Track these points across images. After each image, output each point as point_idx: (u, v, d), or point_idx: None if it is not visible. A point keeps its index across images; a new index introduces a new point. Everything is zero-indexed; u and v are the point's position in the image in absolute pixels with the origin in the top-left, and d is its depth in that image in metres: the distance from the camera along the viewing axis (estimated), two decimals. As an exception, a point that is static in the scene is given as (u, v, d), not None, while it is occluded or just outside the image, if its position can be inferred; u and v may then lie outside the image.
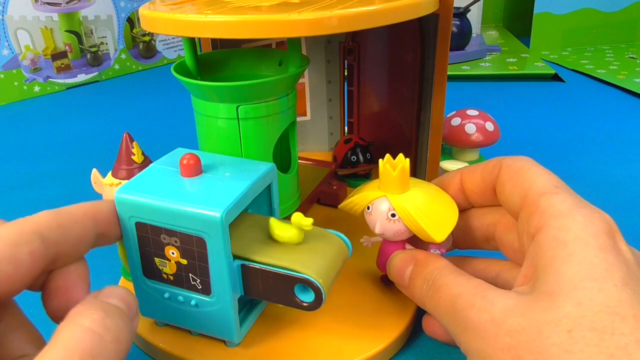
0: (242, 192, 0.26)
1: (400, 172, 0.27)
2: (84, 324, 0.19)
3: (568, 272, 0.20)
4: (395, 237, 0.28)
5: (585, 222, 0.21)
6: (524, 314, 0.20)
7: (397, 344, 0.30)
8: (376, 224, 0.28)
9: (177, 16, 0.25)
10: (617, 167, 0.53)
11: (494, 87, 0.82)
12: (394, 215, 0.27)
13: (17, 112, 0.79)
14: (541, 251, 0.22)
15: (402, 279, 0.28)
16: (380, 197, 0.28)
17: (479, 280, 0.24)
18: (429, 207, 0.27)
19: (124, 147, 0.32)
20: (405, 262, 0.28)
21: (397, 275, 0.28)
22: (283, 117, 0.31)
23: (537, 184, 0.24)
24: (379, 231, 0.28)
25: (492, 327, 0.21)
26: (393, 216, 0.28)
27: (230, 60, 0.35)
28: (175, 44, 1.04)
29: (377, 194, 0.28)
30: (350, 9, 0.24)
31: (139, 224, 0.26)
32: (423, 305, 0.26)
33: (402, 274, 0.28)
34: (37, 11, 0.83)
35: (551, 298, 0.20)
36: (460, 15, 0.89)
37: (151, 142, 0.43)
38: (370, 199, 0.28)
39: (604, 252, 0.20)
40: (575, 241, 0.21)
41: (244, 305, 0.30)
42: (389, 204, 0.28)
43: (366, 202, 0.29)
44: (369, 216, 0.29)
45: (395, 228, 0.28)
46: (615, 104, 0.73)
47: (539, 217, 0.23)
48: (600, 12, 1.02)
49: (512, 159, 0.27)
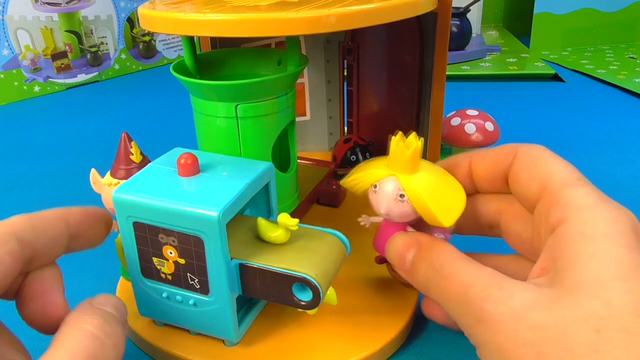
0: (240, 192, 0.26)
1: (414, 152, 0.26)
2: (87, 329, 0.20)
3: (595, 269, 0.19)
4: (400, 218, 0.27)
5: (611, 219, 0.21)
6: (547, 309, 0.19)
7: (395, 343, 0.30)
8: (382, 204, 0.26)
9: (176, 15, 0.25)
10: (617, 167, 0.53)
11: (494, 87, 0.82)
12: (403, 196, 0.26)
13: (17, 112, 0.79)
14: (564, 244, 0.21)
15: (403, 262, 0.26)
16: (388, 176, 0.26)
17: (491, 269, 0.22)
18: (438, 190, 0.26)
19: (122, 147, 0.32)
20: (407, 245, 0.26)
21: (397, 258, 0.27)
22: (282, 116, 0.31)
23: (558, 175, 0.23)
24: (385, 212, 0.26)
25: (512, 321, 0.20)
26: (401, 197, 0.26)
27: (229, 59, 0.35)
28: (175, 44, 1.04)
29: (385, 172, 0.26)
30: (349, 7, 0.24)
31: (136, 223, 0.26)
32: (427, 291, 0.25)
33: (404, 257, 0.26)
34: (37, 11, 0.83)
35: (577, 295, 0.19)
36: (460, 15, 0.89)
37: (151, 142, 0.43)
38: (378, 178, 0.26)
39: (632, 251, 0.20)
40: (603, 238, 0.20)
41: (242, 304, 0.30)
42: (398, 184, 0.26)
43: (372, 180, 0.27)
44: (374, 195, 0.27)
45: (402, 209, 0.26)
46: (615, 104, 0.73)
47: (561, 209, 0.22)
48: (600, 12, 1.02)
49: (529, 147, 0.26)
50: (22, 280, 0.23)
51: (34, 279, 0.23)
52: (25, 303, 0.23)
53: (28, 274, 0.23)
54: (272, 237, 0.27)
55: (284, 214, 0.26)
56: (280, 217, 0.26)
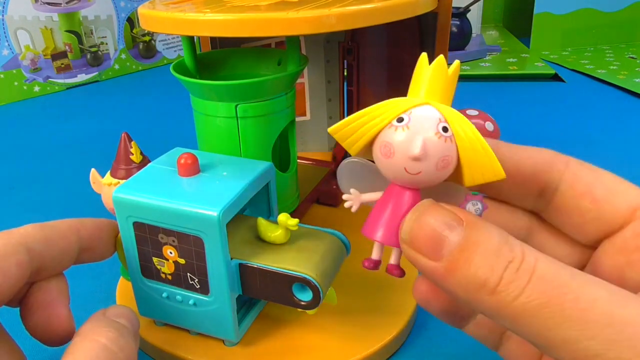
0: (240, 192, 0.26)
1: (454, 74, 0.18)
2: (101, 341, 0.20)
3: None
4: (434, 171, 0.18)
5: None
6: None
7: (395, 343, 0.30)
8: (416, 141, 0.17)
9: (176, 15, 0.25)
10: (617, 167, 0.52)
11: (494, 87, 0.81)
12: (447, 130, 0.17)
13: (17, 112, 0.79)
14: None
15: (438, 247, 0.17)
16: (423, 104, 0.18)
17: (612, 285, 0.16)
18: None
19: (122, 146, 0.32)
20: (446, 224, 0.17)
21: (429, 239, 0.17)
22: (282, 115, 0.31)
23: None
24: (420, 153, 0.17)
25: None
26: (445, 131, 0.17)
27: (229, 59, 0.35)
28: (175, 44, 1.04)
29: (417, 100, 0.18)
30: (349, 7, 0.24)
31: (136, 223, 0.26)
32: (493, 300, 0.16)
33: (441, 239, 0.17)
34: (37, 11, 0.83)
35: None
36: (460, 15, 0.89)
37: (151, 142, 0.43)
38: (407, 107, 0.18)
39: None
40: None
41: (242, 304, 0.30)
42: (439, 113, 0.18)
43: (398, 111, 0.18)
44: (401, 133, 0.17)
45: (445, 150, 0.17)
46: (615, 104, 0.73)
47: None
48: (600, 12, 1.02)
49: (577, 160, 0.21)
50: (28, 289, 0.23)
51: (40, 288, 0.23)
52: (29, 313, 0.23)
53: (34, 283, 0.23)
54: (272, 237, 0.27)
55: (284, 214, 0.26)
56: (280, 217, 0.26)
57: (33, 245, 0.22)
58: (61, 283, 0.24)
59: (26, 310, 0.23)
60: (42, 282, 0.24)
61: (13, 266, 0.21)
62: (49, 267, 0.23)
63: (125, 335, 0.21)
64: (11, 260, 0.21)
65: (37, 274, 0.23)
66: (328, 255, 0.27)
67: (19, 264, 0.21)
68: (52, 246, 0.23)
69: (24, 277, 0.22)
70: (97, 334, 0.20)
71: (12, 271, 0.21)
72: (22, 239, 0.22)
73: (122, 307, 0.23)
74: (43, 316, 0.23)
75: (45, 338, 0.23)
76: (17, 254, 0.21)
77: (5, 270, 0.21)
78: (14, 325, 0.23)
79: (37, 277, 0.23)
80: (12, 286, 0.21)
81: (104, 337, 0.20)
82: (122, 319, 0.22)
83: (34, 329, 0.23)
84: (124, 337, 0.21)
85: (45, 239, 0.23)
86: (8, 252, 0.21)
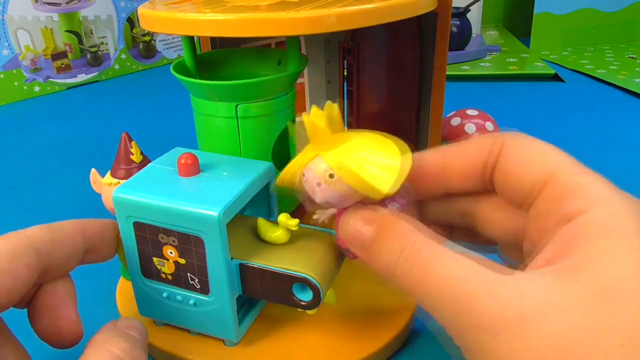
0: (240, 192, 0.26)
1: (329, 120, 0.22)
2: (114, 352, 0.20)
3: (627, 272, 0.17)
4: (343, 203, 0.22)
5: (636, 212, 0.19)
6: (564, 314, 0.17)
7: (395, 343, 0.30)
8: (315, 192, 0.22)
9: (176, 15, 0.25)
10: (617, 167, 0.53)
11: (494, 87, 0.82)
12: (332, 175, 0.21)
13: (17, 112, 0.79)
14: (587, 238, 0.18)
15: (358, 239, 0.22)
16: (314, 157, 0.22)
17: (482, 257, 0.19)
18: (372, 153, 0.22)
19: (122, 146, 0.32)
20: (364, 219, 0.22)
21: (352, 234, 0.22)
22: (282, 115, 0.31)
23: (564, 164, 0.21)
24: (321, 200, 0.22)
25: (522, 328, 0.17)
26: (331, 177, 0.21)
27: (229, 59, 0.35)
28: (175, 44, 1.04)
29: (310, 154, 0.22)
30: (349, 7, 0.24)
31: (136, 223, 0.26)
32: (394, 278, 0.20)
33: (359, 232, 0.22)
34: (37, 11, 0.83)
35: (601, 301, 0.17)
36: (460, 15, 0.89)
37: (151, 142, 0.43)
38: (302, 163, 0.22)
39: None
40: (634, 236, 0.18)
41: (242, 304, 0.30)
42: (324, 163, 0.22)
43: (297, 168, 0.22)
44: (306, 185, 0.22)
45: (338, 191, 0.21)
46: (615, 104, 0.73)
47: (578, 200, 0.19)
48: (600, 12, 1.02)
49: (517, 136, 0.23)
50: (35, 292, 0.23)
51: (47, 291, 0.23)
52: (37, 316, 0.23)
53: (41, 285, 0.23)
54: (272, 237, 0.27)
55: (284, 214, 0.26)
56: (281, 217, 0.26)
57: (41, 246, 0.22)
58: (68, 285, 0.24)
59: (34, 313, 0.23)
60: (49, 285, 0.24)
61: (22, 268, 0.21)
62: (56, 268, 0.23)
63: (136, 347, 0.21)
64: (20, 262, 0.21)
65: (45, 275, 0.23)
66: (328, 255, 0.27)
67: (28, 266, 0.21)
68: (59, 248, 0.23)
69: (32, 279, 0.22)
70: (110, 345, 0.21)
71: (21, 273, 0.21)
72: (30, 240, 0.22)
73: (132, 319, 0.23)
74: (51, 319, 0.23)
75: (53, 341, 0.23)
76: (26, 256, 0.21)
77: (15, 273, 0.21)
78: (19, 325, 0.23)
79: (45, 279, 0.23)
80: (21, 288, 0.21)
81: (117, 348, 0.20)
82: (133, 331, 0.23)
83: (42, 331, 0.23)
84: (136, 349, 0.21)
85: (52, 241, 0.23)
86: (17, 254, 0.21)
